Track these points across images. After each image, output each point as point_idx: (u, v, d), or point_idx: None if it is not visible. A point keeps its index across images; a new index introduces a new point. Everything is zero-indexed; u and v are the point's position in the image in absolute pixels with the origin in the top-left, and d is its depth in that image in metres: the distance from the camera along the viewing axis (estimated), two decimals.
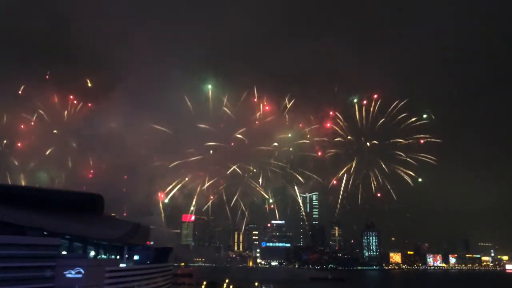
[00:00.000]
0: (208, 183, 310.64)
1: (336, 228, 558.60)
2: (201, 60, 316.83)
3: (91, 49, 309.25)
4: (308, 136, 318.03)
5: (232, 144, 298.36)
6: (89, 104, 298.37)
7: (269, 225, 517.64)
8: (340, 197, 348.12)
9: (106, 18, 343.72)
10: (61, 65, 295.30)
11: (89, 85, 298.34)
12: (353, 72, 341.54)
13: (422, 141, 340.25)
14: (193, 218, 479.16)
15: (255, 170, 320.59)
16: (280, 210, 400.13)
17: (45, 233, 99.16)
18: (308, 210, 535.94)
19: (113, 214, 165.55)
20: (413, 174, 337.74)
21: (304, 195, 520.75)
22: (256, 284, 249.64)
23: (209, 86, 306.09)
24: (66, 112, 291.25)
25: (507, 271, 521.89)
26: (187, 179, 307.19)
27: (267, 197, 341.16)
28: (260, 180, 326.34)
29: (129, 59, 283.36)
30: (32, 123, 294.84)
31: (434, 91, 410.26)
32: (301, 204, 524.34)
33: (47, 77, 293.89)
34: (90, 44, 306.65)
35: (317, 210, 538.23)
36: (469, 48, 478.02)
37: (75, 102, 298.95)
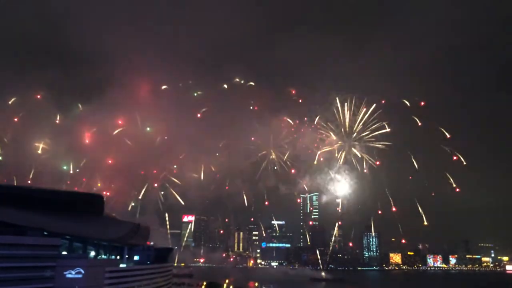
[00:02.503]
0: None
1: (336, 229, 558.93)
2: (194, 59, 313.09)
3: (83, 48, 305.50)
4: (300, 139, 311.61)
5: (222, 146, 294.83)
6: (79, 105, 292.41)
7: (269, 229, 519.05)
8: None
9: (99, 17, 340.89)
10: (52, 64, 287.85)
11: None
12: (348, 73, 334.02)
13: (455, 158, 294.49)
14: (192, 218, 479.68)
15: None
16: (277, 210, 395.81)
17: (45, 233, 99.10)
18: (308, 211, 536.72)
19: (113, 215, 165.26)
20: None
21: (304, 196, 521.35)
22: (256, 284, 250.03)
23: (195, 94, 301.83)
24: (58, 115, 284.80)
25: (507, 271, 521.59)
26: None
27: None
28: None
29: (122, 58, 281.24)
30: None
31: (433, 89, 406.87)
32: (300, 205, 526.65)
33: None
34: (82, 43, 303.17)
35: (317, 210, 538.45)
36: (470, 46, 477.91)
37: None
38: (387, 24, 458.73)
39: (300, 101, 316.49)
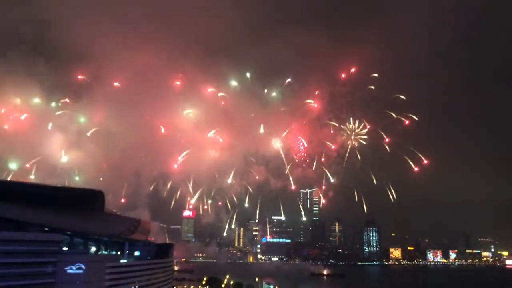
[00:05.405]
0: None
1: (337, 224, 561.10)
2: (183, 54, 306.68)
3: (72, 43, 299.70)
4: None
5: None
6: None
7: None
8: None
9: (87, 10, 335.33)
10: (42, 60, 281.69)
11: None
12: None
13: None
14: (193, 213, 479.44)
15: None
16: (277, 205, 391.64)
17: (46, 229, 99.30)
18: (308, 206, 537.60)
19: (114, 210, 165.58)
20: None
21: (304, 191, 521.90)
22: (257, 279, 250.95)
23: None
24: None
25: (507, 266, 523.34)
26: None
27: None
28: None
29: (112, 52, 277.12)
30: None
31: (428, 86, 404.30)
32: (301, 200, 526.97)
33: None
34: (71, 38, 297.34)
35: (317, 206, 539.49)
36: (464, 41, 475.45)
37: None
38: (374, 18, 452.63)
39: None
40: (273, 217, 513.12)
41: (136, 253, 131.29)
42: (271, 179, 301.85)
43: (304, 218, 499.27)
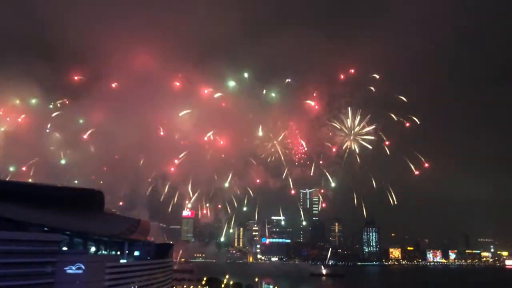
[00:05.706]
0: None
1: (336, 224, 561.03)
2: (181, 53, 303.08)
3: (68, 42, 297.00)
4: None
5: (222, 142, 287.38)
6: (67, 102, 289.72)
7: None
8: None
9: (85, 11, 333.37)
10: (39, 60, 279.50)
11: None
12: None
13: None
14: (192, 213, 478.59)
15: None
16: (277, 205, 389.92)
17: (45, 229, 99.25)
18: (308, 206, 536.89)
19: (113, 210, 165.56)
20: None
21: (304, 191, 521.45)
22: (256, 279, 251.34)
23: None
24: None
25: (507, 267, 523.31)
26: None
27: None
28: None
29: (110, 53, 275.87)
30: None
31: (428, 86, 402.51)
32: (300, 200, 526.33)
33: None
34: (70, 39, 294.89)
35: (317, 206, 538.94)
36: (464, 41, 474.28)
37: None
38: (373, 18, 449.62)
39: None
40: (272, 217, 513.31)
41: (136, 253, 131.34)
42: (270, 179, 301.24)
43: (304, 223, 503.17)
